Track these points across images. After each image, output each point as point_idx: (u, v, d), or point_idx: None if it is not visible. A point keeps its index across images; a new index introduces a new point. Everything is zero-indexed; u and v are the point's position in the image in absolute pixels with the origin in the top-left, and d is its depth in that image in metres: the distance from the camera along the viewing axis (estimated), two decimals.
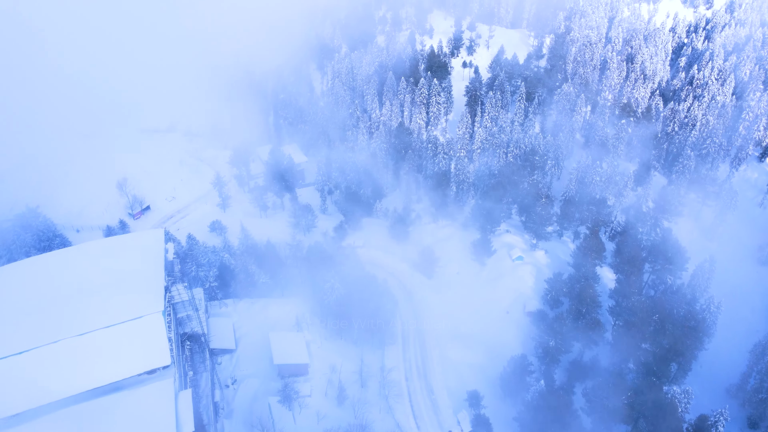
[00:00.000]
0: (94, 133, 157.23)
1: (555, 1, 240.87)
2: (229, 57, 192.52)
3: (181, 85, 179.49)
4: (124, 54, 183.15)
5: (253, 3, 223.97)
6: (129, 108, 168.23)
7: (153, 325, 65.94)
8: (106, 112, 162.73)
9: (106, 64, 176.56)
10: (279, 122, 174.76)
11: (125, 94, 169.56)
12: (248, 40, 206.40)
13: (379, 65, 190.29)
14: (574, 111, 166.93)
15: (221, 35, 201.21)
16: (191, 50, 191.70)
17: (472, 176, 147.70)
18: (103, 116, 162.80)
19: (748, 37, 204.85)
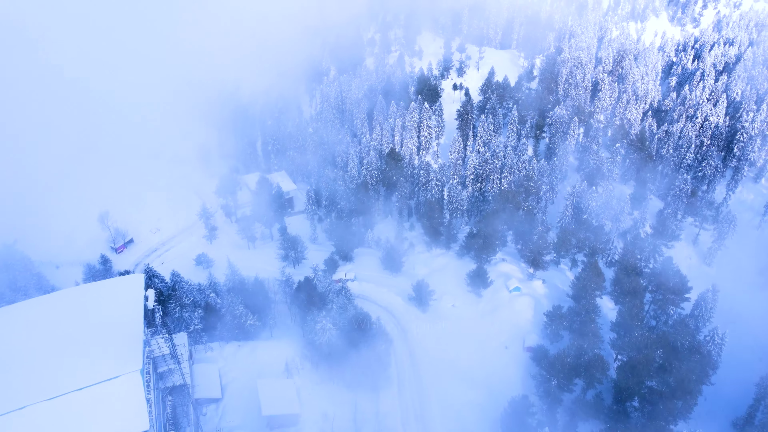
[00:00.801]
0: (76, 160, 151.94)
1: (544, 21, 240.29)
2: (216, 80, 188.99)
3: (167, 109, 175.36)
4: (107, 76, 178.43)
5: (239, 25, 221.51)
6: (113, 133, 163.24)
7: (130, 386, 60.88)
8: (88, 138, 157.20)
9: (89, 88, 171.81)
10: (267, 149, 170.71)
11: (109, 118, 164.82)
12: (235, 63, 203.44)
13: (369, 89, 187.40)
14: (567, 134, 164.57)
15: (208, 58, 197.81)
16: (177, 73, 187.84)
17: (465, 203, 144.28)
18: (85, 143, 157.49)
19: (738, 57, 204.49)
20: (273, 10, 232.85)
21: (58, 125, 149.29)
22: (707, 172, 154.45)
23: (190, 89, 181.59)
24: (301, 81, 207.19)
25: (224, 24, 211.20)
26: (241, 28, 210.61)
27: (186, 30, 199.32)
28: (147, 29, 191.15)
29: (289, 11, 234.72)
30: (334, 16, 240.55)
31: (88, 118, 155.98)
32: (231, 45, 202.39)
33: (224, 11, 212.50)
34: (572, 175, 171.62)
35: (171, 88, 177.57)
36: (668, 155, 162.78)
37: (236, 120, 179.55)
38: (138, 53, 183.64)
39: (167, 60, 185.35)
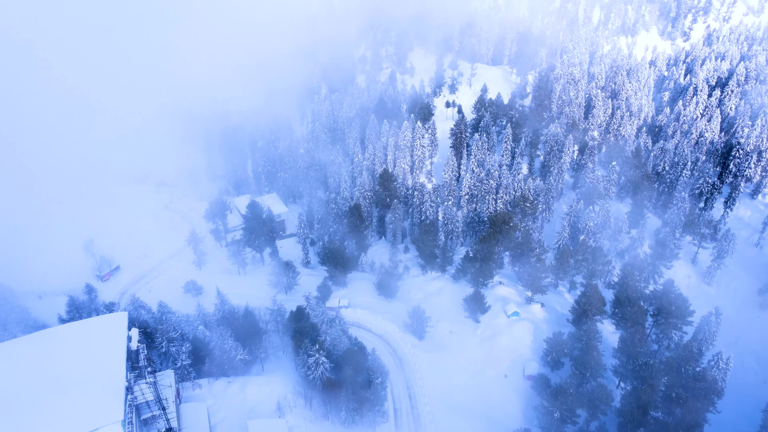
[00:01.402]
0: (61, 186, 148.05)
1: (536, 37, 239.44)
2: (205, 101, 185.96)
3: (155, 132, 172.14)
4: (92, 99, 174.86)
5: (228, 45, 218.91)
6: (99, 157, 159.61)
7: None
8: (73, 163, 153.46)
9: (73, 112, 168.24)
10: (258, 170, 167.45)
11: (95, 141, 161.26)
12: (224, 83, 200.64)
13: (361, 107, 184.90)
14: (562, 151, 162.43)
15: (196, 78, 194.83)
16: (165, 94, 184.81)
17: (460, 224, 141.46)
18: (70, 166, 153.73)
19: (731, 71, 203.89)
20: (262, 29, 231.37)
21: (40, 151, 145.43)
22: (704, 190, 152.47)
23: (178, 111, 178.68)
24: (292, 100, 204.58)
25: (213, 44, 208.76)
26: (230, 48, 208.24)
27: (173, 51, 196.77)
28: (134, 50, 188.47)
29: (279, 30, 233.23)
30: (325, 34, 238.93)
31: (73, 143, 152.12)
32: (220, 65, 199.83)
33: (212, 31, 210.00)
34: (568, 193, 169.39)
35: (158, 110, 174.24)
36: (664, 172, 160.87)
37: (226, 141, 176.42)
38: (124, 75, 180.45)
39: (154, 82, 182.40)
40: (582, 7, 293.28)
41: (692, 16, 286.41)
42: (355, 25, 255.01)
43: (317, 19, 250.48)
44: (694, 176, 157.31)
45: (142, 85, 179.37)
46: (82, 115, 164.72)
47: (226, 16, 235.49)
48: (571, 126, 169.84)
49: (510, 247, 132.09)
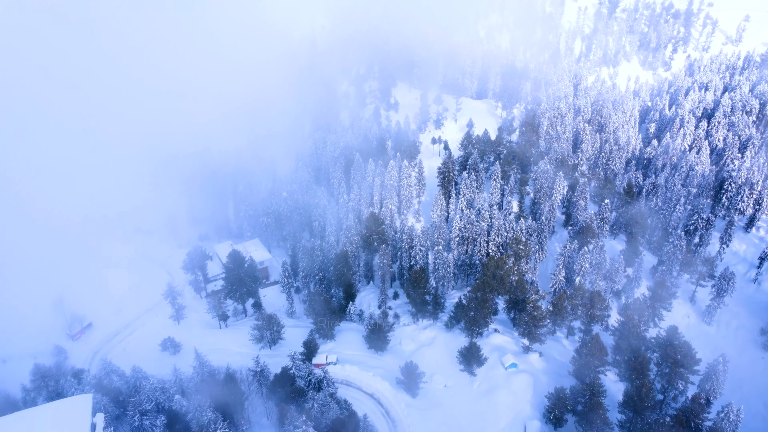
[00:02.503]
0: (26, 236, 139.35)
1: (520, 70, 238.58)
2: (185, 141, 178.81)
3: (131, 174, 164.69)
4: (67, 139, 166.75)
5: (208, 81, 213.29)
6: (70, 202, 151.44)
7: None
8: (41, 209, 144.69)
9: (45, 148, 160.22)
10: (239, 215, 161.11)
11: (65, 186, 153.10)
12: (205, 121, 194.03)
13: (345, 146, 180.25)
14: (553, 189, 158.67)
15: (176, 117, 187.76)
16: (143, 134, 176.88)
17: (452, 268, 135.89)
18: (37, 215, 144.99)
19: (716, 102, 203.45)
20: (243, 66, 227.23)
21: (2, 199, 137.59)
22: (699, 225, 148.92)
23: (156, 151, 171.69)
24: (275, 138, 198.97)
25: (192, 81, 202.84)
26: (210, 85, 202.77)
27: (150, 87, 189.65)
28: (107, 87, 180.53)
29: (261, 67, 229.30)
30: (307, 70, 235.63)
31: (38, 187, 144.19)
32: (200, 102, 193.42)
33: (192, 68, 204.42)
34: (560, 230, 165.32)
35: (135, 151, 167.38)
36: (657, 208, 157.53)
37: (207, 183, 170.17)
38: (101, 115, 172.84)
39: (131, 120, 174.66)
40: (563, 39, 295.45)
41: (672, 46, 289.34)
42: (338, 60, 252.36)
43: (299, 55, 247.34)
44: (687, 210, 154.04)
45: (118, 125, 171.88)
46: (49, 155, 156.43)
47: (205, 52, 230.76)
48: (560, 162, 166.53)
49: (504, 293, 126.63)
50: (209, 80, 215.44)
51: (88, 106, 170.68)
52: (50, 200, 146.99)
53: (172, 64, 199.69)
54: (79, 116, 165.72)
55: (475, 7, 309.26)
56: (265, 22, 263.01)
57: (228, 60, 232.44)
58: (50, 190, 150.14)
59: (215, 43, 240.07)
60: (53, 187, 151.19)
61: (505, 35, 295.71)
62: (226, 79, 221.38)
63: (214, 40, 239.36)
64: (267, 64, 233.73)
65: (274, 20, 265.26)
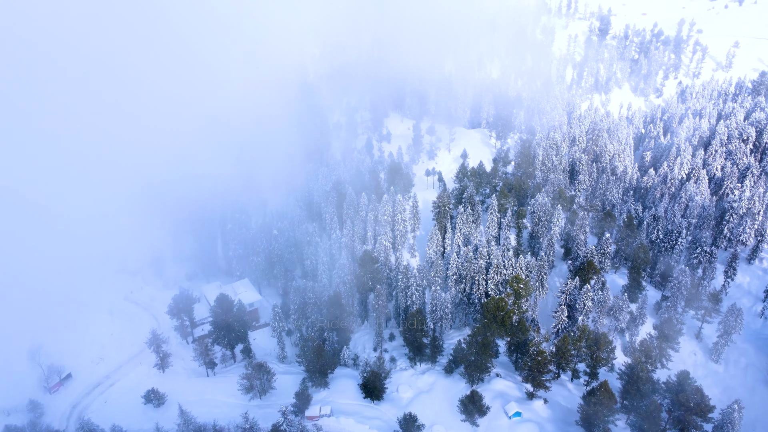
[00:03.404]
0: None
1: (512, 99, 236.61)
2: (172, 175, 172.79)
3: (115, 211, 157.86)
4: (44, 174, 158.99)
5: (195, 112, 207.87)
6: (46, 245, 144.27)
7: None
8: (13, 256, 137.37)
9: (24, 184, 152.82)
10: (228, 254, 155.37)
11: (43, 224, 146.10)
12: (193, 154, 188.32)
13: (337, 180, 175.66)
14: (551, 222, 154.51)
15: (162, 150, 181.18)
16: (126, 169, 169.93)
17: (449, 308, 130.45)
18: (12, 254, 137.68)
19: (712, 130, 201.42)
20: (232, 96, 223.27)
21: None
22: (702, 259, 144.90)
23: (140, 187, 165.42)
24: (265, 169, 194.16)
25: (179, 114, 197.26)
26: (198, 117, 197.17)
27: (135, 120, 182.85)
28: (87, 119, 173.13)
29: (250, 97, 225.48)
30: (297, 100, 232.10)
31: (12, 227, 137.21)
32: (187, 135, 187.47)
33: (179, 100, 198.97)
34: (559, 264, 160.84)
35: (119, 186, 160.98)
36: (658, 241, 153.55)
37: (194, 219, 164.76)
38: (81, 148, 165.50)
39: (113, 154, 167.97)
40: (554, 67, 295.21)
41: (663, 72, 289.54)
42: (329, 90, 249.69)
43: (290, 84, 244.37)
44: (692, 246, 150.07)
45: (98, 157, 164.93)
46: (26, 191, 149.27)
47: (193, 81, 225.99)
48: (558, 195, 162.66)
49: (506, 335, 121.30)
50: (197, 111, 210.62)
51: (65, 138, 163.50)
52: (25, 240, 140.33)
53: (156, 94, 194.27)
54: (57, 149, 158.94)
55: (466, 35, 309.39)
56: (254, 51, 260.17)
57: (216, 89, 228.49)
58: (25, 228, 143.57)
59: (204, 71, 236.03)
60: (29, 226, 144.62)
61: (496, 63, 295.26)
62: (214, 109, 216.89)
63: (202, 68, 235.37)
64: (257, 94, 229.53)
65: (264, 49, 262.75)
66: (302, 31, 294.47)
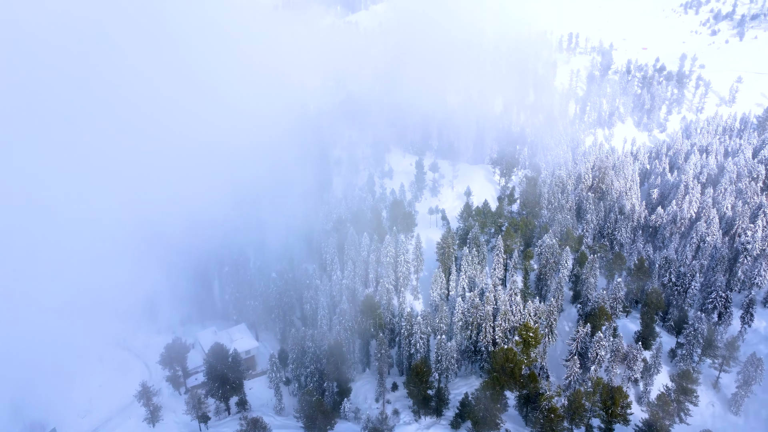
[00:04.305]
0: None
1: (516, 135, 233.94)
2: (168, 212, 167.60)
3: (107, 251, 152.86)
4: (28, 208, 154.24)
5: (193, 148, 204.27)
6: (32, 283, 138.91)
7: None
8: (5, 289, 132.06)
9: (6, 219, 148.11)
10: (225, 298, 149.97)
11: (27, 264, 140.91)
12: (190, 191, 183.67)
13: (338, 219, 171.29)
14: (559, 264, 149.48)
15: (157, 187, 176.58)
16: (120, 207, 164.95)
17: (455, 357, 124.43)
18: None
19: (720, 167, 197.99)
20: (231, 130, 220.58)
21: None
22: (717, 304, 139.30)
23: (134, 224, 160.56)
24: (264, 206, 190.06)
25: (176, 149, 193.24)
26: (196, 155, 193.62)
27: (128, 155, 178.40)
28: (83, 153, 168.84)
29: (249, 131, 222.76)
30: (297, 135, 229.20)
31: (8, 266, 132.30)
32: (184, 171, 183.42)
33: (176, 136, 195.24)
34: (568, 307, 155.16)
35: (112, 224, 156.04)
36: (670, 284, 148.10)
37: (190, 260, 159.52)
38: (72, 185, 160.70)
39: (107, 192, 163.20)
40: (557, 101, 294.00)
41: (666, 107, 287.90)
42: (330, 124, 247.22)
43: (290, 119, 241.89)
44: (706, 290, 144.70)
45: (93, 197, 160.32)
46: (9, 227, 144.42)
47: (189, 112, 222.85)
48: (565, 236, 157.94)
49: (516, 387, 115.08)
50: (194, 148, 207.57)
51: (53, 173, 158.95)
52: (10, 282, 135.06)
53: (151, 131, 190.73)
54: (43, 185, 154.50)
55: (467, 70, 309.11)
56: (254, 85, 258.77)
57: (213, 122, 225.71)
58: (11, 269, 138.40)
59: (200, 103, 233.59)
60: (15, 267, 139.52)
61: (498, 97, 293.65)
62: (212, 143, 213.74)
63: (198, 100, 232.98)
64: (255, 128, 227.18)
65: (265, 83, 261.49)
66: (304, 65, 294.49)
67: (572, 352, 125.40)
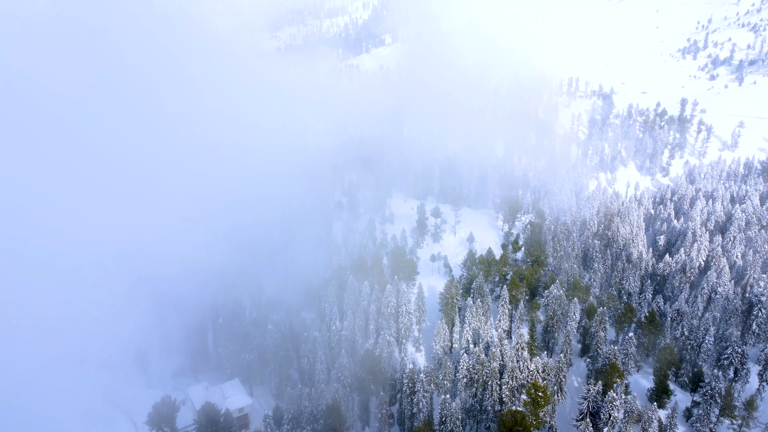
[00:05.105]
0: None
1: (518, 179, 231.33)
2: (160, 261, 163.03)
3: (97, 300, 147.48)
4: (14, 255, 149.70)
5: (189, 193, 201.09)
6: (16, 334, 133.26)
7: None
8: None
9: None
10: (219, 350, 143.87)
11: (14, 311, 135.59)
12: (184, 237, 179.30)
13: (337, 266, 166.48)
14: (567, 316, 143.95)
15: (150, 234, 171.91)
16: (111, 253, 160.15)
17: (460, 416, 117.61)
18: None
19: (727, 214, 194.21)
20: (227, 174, 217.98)
21: None
22: (733, 360, 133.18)
23: (125, 272, 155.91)
24: (260, 255, 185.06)
25: (170, 193, 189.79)
26: (192, 199, 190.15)
27: (121, 199, 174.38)
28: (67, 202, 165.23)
29: (247, 175, 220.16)
30: (296, 177, 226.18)
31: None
32: (178, 218, 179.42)
33: (166, 185, 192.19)
34: (576, 361, 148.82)
35: (103, 272, 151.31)
36: (683, 338, 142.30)
37: (184, 310, 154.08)
38: (56, 232, 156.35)
39: (97, 237, 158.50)
40: (558, 144, 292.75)
41: (669, 151, 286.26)
42: (330, 167, 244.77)
43: (290, 162, 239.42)
44: (721, 344, 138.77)
45: (82, 242, 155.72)
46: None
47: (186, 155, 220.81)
48: (572, 286, 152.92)
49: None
50: (190, 189, 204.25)
51: (37, 216, 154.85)
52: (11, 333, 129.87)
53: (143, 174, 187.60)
54: (30, 225, 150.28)
55: (468, 113, 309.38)
56: (252, 125, 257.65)
57: (212, 166, 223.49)
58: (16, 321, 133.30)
59: (197, 147, 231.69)
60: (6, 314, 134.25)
61: (499, 140, 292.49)
62: (209, 187, 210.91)
63: (196, 144, 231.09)
64: (254, 170, 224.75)
65: (263, 124, 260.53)
66: (305, 108, 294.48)
67: (583, 412, 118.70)
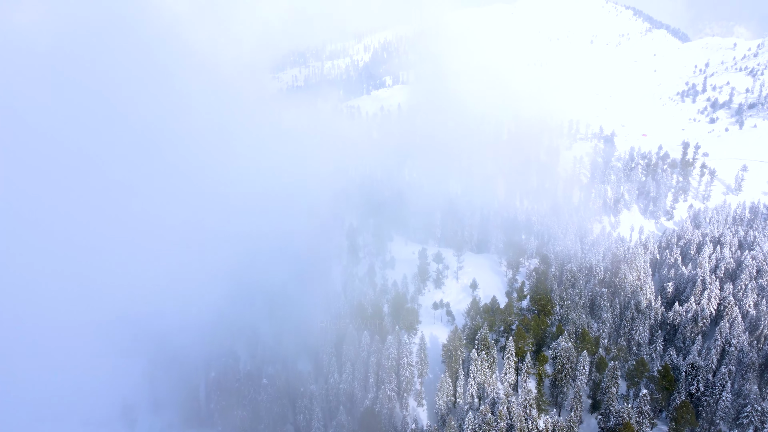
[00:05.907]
0: None
1: (521, 223, 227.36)
2: (149, 312, 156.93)
3: (82, 352, 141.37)
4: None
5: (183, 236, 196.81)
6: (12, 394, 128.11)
7: None
8: None
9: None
10: (210, 406, 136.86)
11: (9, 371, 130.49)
12: (175, 283, 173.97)
13: (336, 314, 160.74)
14: (577, 370, 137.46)
15: (138, 286, 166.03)
16: (96, 305, 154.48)
17: None
18: None
19: (737, 261, 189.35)
20: (222, 215, 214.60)
21: None
22: (753, 419, 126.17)
23: (112, 322, 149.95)
24: (256, 302, 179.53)
25: (160, 241, 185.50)
26: (184, 247, 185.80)
27: (107, 249, 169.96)
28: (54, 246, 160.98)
29: (241, 217, 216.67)
30: (297, 223, 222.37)
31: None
32: (170, 267, 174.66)
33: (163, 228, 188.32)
34: (587, 418, 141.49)
35: (87, 324, 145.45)
36: (699, 393, 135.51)
37: (174, 362, 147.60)
38: (40, 278, 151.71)
39: (83, 289, 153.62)
40: (560, 187, 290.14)
41: (672, 195, 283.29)
42: (329, 212, 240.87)
43: (288, 206, 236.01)
44: (739, 401, 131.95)
45: (67, 294, 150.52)
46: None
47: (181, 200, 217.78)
48: (581, 337, 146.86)
49: None
50: (188, 233, 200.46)
51: (27, 264, 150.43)
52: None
53: (133, 222, 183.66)
54: (14, 275, 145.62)
55: (469, 156, 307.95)
56: (251, 167, 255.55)
57: (209, 210, 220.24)
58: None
59: (195, 191, 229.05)
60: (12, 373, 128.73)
61: (500, 182, 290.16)
62: (207, 231, 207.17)
63: (193, 189, 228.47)
64: (250, 215, 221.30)
65: (259, 165, 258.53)
66: (304, 150, 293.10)
67: None
